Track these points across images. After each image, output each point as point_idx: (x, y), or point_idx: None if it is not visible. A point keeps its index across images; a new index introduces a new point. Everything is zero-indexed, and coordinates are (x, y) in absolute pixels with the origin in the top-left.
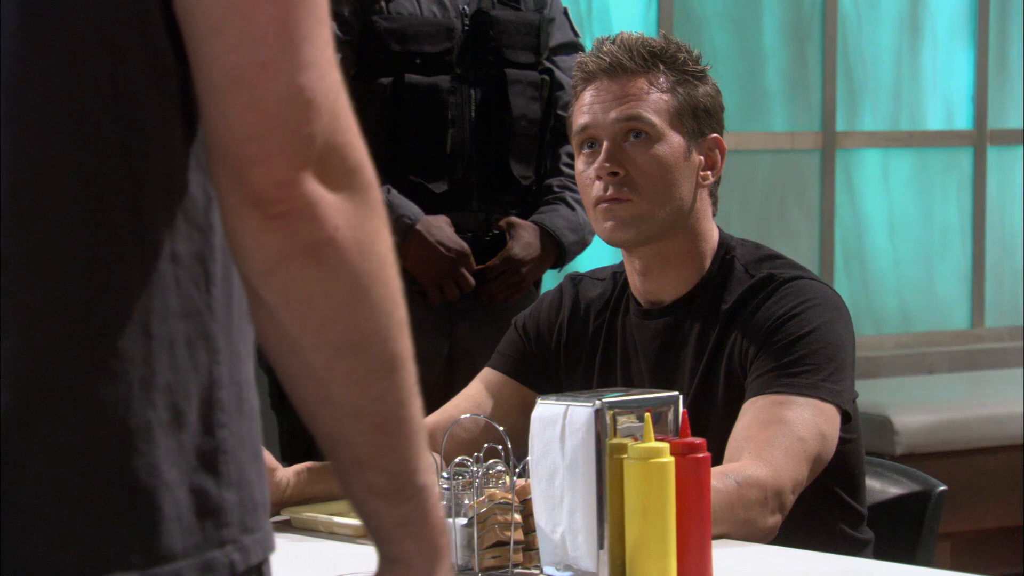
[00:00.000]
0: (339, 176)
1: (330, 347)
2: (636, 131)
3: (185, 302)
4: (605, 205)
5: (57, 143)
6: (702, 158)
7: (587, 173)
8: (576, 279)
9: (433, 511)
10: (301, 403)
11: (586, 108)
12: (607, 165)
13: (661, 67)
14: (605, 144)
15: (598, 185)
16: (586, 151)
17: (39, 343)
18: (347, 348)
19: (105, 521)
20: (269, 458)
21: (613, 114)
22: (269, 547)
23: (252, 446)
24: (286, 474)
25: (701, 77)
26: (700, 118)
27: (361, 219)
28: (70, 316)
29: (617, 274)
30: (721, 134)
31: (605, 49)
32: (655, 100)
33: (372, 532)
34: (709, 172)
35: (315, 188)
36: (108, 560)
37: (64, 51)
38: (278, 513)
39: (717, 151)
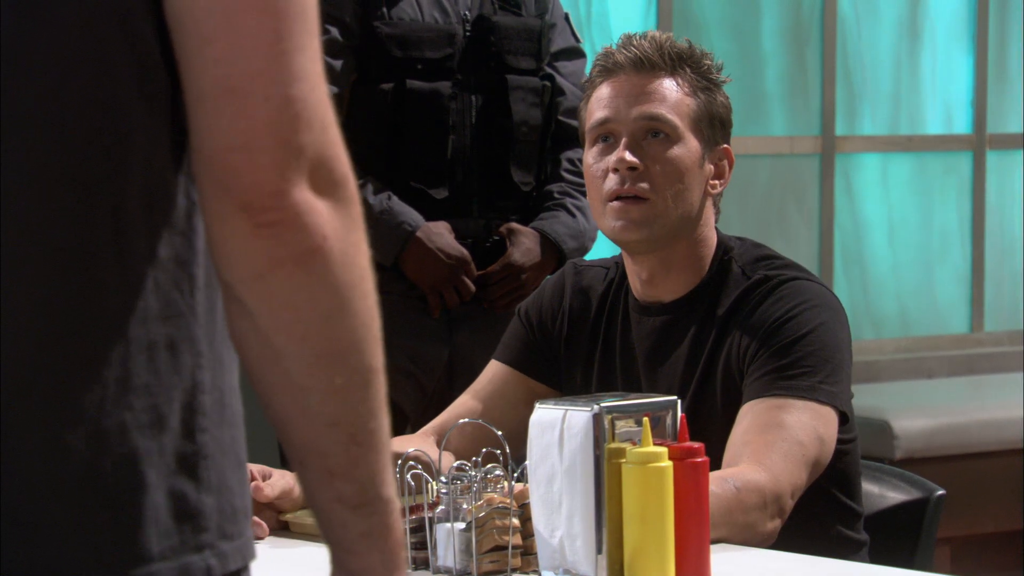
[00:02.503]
0: (326, 187)
1: (312, 356)
2: (656, 131)
3: (166, 305)
4: (618, 204)
5: (36, 146)
6: (712, 167)
7: (599, 166)
8: (578, 266)
9: (396, 524)
10: (276, 413)
11: (606, 101)
12: (628, 158)
13: (688, 71)
14: (624, 139)
15: (612, 178)
16: (600, 144)
17: (15, 343)
18: (328, 358)
19: (80, 521)
20: (282, 472)
21: (636, 110)
22: (249, 555)
23: (234, 453)
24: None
25: (720, 84)
26: (715, 127)
27: (346, 231)
28: (46, 316)
29: (619, 264)
30: (728, 145)
31: (635, 43)
32: (678, 102)
33: (335, 543)
34: (717, 182)
35: (306, 197)
36: (83, 561)
37: (50, 57)
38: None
39: (726, 162)
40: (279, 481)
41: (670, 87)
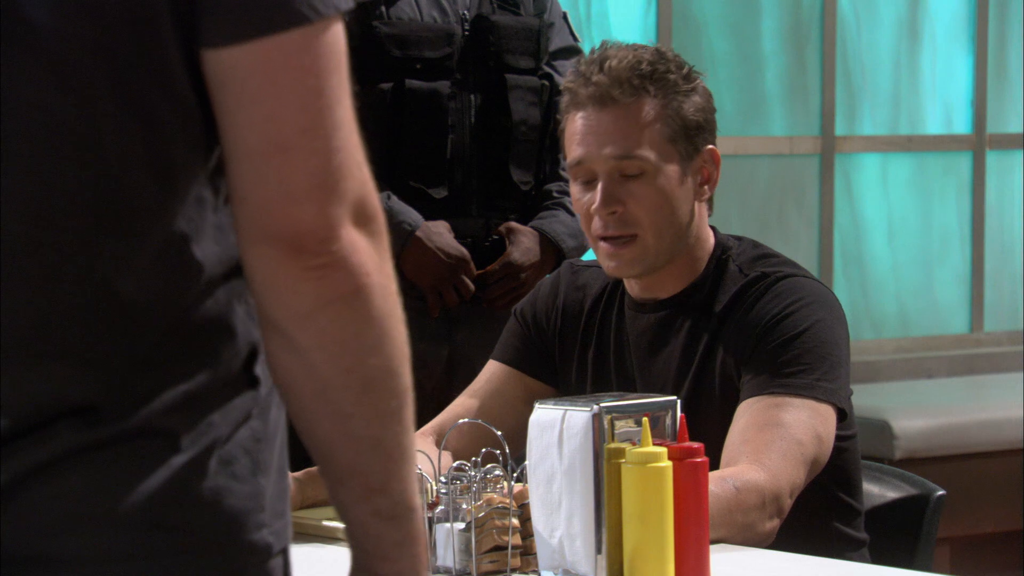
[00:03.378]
0: (365, 224)
1: (359, 385)
2: (631, 170)
3: (223, 313)
4: (608, 246)
5: (87, 191)
6: (696, 176)
7: (583, 202)
8: (574, 266)
9: (421, 529)
10: (319, 438)
11: (579, 138)
12: (606, 207)
13: (651, 91)
14: (601, 182)
15: (597, 222)
16: (581, 182)
17: (55, 359)
18: (372, 385)
19: (143, 507)
20: None
21: (607, 150)
22: (290, 535)
23: (281, 436)
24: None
25: (689, 91)
26: (692, 136)
27: (382, 262)
28: (99, 336)
29: None
30: (714, 142)
31: (594, 79)
32: (647, 133)
33: (368, 552)
34: (706, 186)
35: (352, 237)
36: (147, 543)
37: (94, 106)
38: None
39: (712, 163)
40: None
41: (636, 116)
